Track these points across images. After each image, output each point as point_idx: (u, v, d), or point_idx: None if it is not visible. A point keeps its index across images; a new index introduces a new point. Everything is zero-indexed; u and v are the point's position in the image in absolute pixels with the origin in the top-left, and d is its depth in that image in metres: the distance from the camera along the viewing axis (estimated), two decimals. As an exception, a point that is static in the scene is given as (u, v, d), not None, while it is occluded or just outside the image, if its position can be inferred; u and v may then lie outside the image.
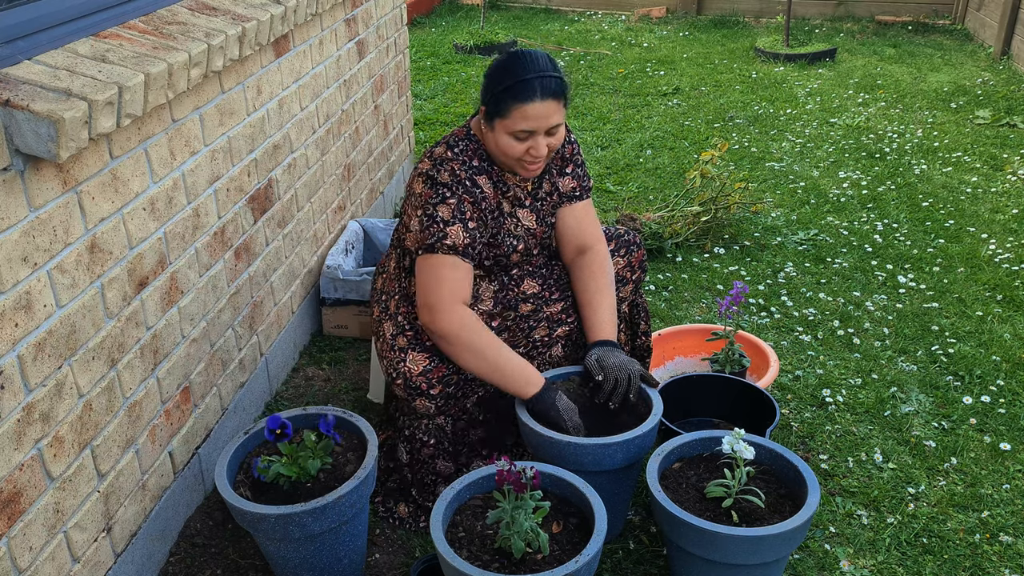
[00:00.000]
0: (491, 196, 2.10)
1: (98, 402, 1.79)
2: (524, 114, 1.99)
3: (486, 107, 2.04)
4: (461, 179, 2.05)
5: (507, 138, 2.02)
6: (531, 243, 2.19)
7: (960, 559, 2.09)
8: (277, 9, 2.39)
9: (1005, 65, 5.92)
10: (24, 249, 1.55)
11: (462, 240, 2.03)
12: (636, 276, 2.30)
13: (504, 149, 2.04)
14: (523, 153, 2.04)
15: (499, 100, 2.00)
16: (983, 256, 3.48)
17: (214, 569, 2.08)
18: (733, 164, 4.47)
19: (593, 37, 7.10)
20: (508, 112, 1.99)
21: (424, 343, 2.09)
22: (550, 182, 2.24)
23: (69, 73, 1.61)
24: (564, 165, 2.26)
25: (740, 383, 2.36)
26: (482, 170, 2.10)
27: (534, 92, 1.98)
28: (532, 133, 2.01)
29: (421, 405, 2.07)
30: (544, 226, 2.22)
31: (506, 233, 2.14)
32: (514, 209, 2.16)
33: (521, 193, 2.18)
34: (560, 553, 1.74)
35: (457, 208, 2.03)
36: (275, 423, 1.93)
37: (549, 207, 2.24)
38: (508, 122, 2.00)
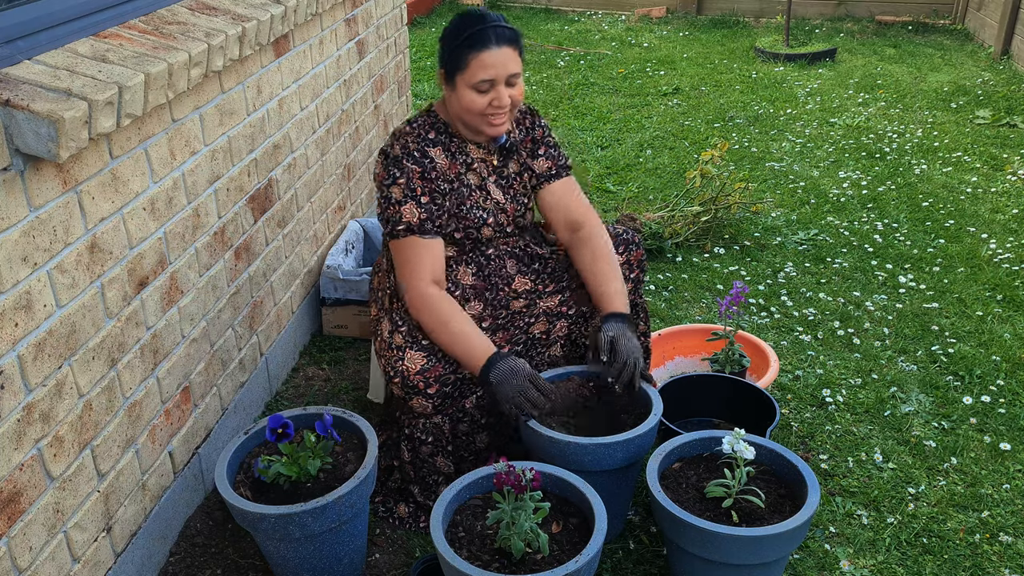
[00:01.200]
0: (445, 166, 2.14)
1: (98, 402, 1.79)
2: (482, 63, 2.03)
3: (445, 68, 2.09)
4: (411, 151, 2.11)
5: (469, 93, 2.06)
6: (501, 219, 2.20)
7: (960, 559, 2.09)
8: (277, 9, 2.39)
9: (1005, 65, 5.92)
10: (24, 249, 1.55)
11: (416, 217, 2.08)
12: (635, 275, 2.29)
13: (468, 106, 2.07)
14: (486, 107, 2.07)
15: (456, 54, 2.04)
16: (983, 256, 3.48)
17: (214, 569, 2.08)
18: (733, 164, 4.47)
19: (593, 37, 7.10)
20: (467, 64, 2.03)
21: (420, 341, 2.10)
22: (518, 162, 2.26)
23: (69, 73, 1.61)
24: (536, 147, 2.27)
25: (740, 383, 2.36)
26: (437, 142, 2.15)
27: (489, 40, 2.04)
28: (493, 83, 2.05)
29: (418, 404, 2.07)
30: (515, 204, 2.23)
31: (473, 205, 2.16)
32: (483, 182, 2.19)
33: (485, 169, 2.20)
34: (560, 553, 1.74)
35: (407, 186, 2.09)
36: (277, 423, 1.93)
37: (520, 187, 2.25)
38: (468, 74, 2.04)
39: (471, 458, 2.22)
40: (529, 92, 5.69)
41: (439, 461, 2.17)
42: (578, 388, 2.18)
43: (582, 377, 2.21)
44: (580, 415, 2.13)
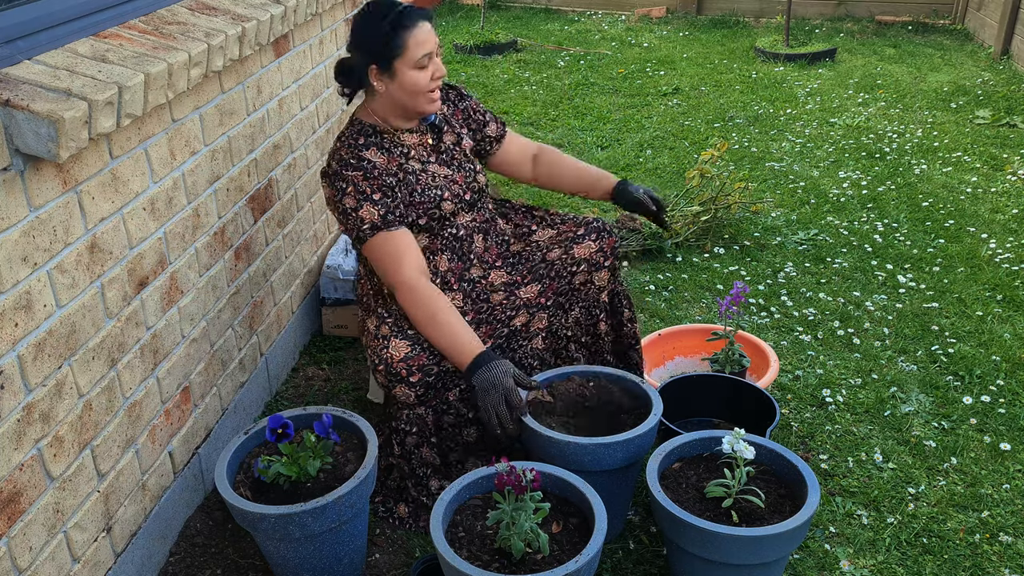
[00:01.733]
0: (384, 163, 2.19)
1: (98, 402, 1.79)
2: (417, 40, 2.10)
3: (377, 60, 2.12)
4: (346, 161, 2.16)
5: (413, 73, 2.12)
6: (455, 189, 2.25)
7: (960, 559, 2.09)
8: (277, 9, 2.39)
9: (1005, 65, 5.92)
10: (24, 249, 1.55)
11: (377, 214, 2.13)
12: (610, 262, 2.31)
13: (413, 86, 2.13)
14: (428, 81, 2.14)
15: (389, 41, 2.10)
16: (983, 256, 3.48)
17: (214, 569, 2.08)
18: (733, 164, 4.47)
19: (593, 37, 7.10)
20: (404, 44, 2.10)
21: (406, 331, 2.13)
22: (453, 133, 2.34)
23: (69, 73, 1.61)
24: (479, 120, 2.42)
25: (740, 383, 2.36)
26: (369, 144, 2.20)
27: (415, 17, 2.12)
28: (430, 55, 2.13)
29: (401, 392, 2.09)
30: (463, 172, 2.29)
31: (425, 187, 2.21)
32: (425, 165, 2.24)
33: (424, 151, 2.26)
34: (560, 553, 1.74)
35: (356, 191, 2.13)
36: (277, 423, 1.93)
37: (460, 155, 2.32)
38: (408, 55, 2.10)
39: (458, 448, 2.22)
40: (529, 92, 5.69)
41: (424, 452, 2.17)
42: (578, 388, 2.18)
43: (582, 377, 2.21)
44: (580, 415, 2.13)
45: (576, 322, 2.32)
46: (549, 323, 2.27)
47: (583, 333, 2.34)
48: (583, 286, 2.29)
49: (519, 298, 2.24)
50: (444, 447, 2.20)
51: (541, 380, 2.17)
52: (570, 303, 2.29)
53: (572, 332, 2.32)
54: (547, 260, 2.28)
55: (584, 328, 2.34)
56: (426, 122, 2.28)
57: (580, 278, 2.27)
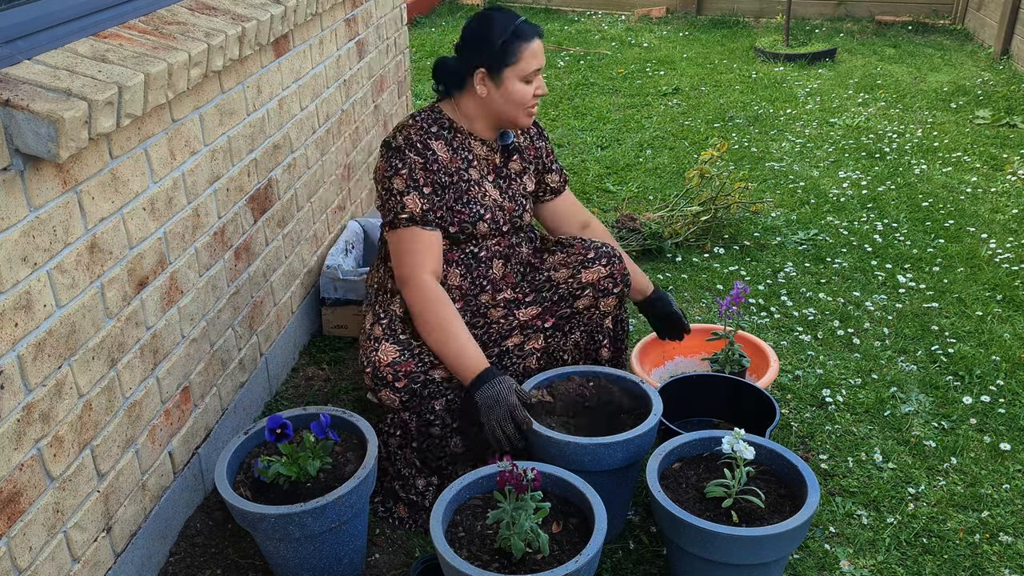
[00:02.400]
0: (446, 159, 2.17)
1: (98, 402, 1.79)
2: (533, 53, 2.13)
3: (489, 64, 2.12)
4: (413, 142, 2.15)
5: (519, 84, 2.13)
6: (499, 216, 2.23)
7: (960, 559, 2.09)
8: (277, 9, 2.39)
9: (1005, 65, 5.92)
10: (24, 249, 1.55)
11: (419, 207, 2.11)
12: (619, 289, 2.27)
13: (519, 98, 2.14)
14: (530, 96, 2.15)
15: (506, 49, 2.11)
16: (983, 256, 3.48)
17: (214, 569, 2.08)
18: (733, 164, 4.47)
19: (593, 37, 7.10)
20: (519, 55, 2.11)
21: (398, 335, 2.12)
22: (520, 164, 2.32)
23: (69, 73, 1.61)
24: (548, 161, 2.41)
25: (740, 383, 2.36)
26: (439, 136, 2.19)
27: (533, 32, 2.15)
28: (538, 72, 2.15)
29: (386, 396, 2.09)
30: (514, 203, 2.27)
31: (472, 200, 2.19)
32: (482, 178, 2.23)
33: (487, 167, 2.24)
34: (560, 553, 1.74)
35: (409, 176, 2.12)
36: (276, 423, 1.93)
37: (519, 187, 2.30)
38: (521, 65, 2.12)
39: (446, 459, 2.21)
40: (529, 92, 5.69)
41: (407, 453, 2.18)
42: (578, 388, 2.18)
43: (582, 377, 2.21)
44: (580, 415, 2.13)
45: (576, 345, 2.30)
46: (546, 344, 2.26)
47: (582, 357, 2.32)
48: (586, 310, 2.25)
49: (516, 318, 2.22)
50: (431, 456, 2.20)
51: (541, 380, 2.17)
52: (571, 326, 2.27)
53: (570, 355, 2.30)
54: (552, 280, 2.25)
55: (584, 352, 2.31)
56: (503, 141, 2.26)
57: (584, 302, 2.24)
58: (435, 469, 2.21)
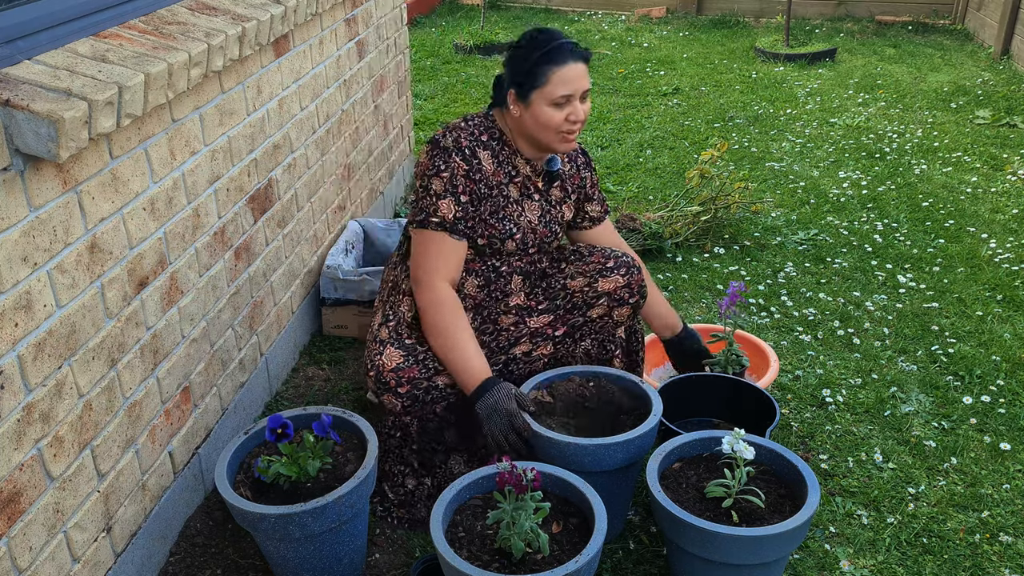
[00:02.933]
0: (490, 171, 2.14)
1: (98, 402, 1.79)
2: (563, 77, 2.04)
3: (519, 85, 2.08)
4: (462, 147, 2.11)
5: (548, 109, 2.06)
6: (529, 237, 2.20)
7: (960, 559, 2.09)
8: (277, 9, 2.39)
9: (1005, 65, 5.92)
10: (24, 249, 1.55)
11: (452, 214, 2.08)
12: (635, 300, 2.26)
13: (546, 122, 2.07)
14: (562, 121, 2.08)
15: (534, 70, 2.05)
16: (983, 256, 3.48)
17: (214, 569, 2.08)
18: (733, 164, 4.47)
19: (593, 37, 7.10)
20: (547, 79, 2.04)
21: (403, 340, 2.12)
22: (562, 190, 2.28)
23: (69, 73, 1.61)
24: (592, 192, 2.38)
25: (740, 383, 2.36)
26: (488, 146, 2.15)
27: (568, 55, 2.05)
28: (570, 98, 2.06)
29: (388, 401, 2.08)
30: (547, 229, 2.24)
31: (506, 217, 2.16)
32: (522, 198, 2.19)
33: (529, 186, 2.21)
34: (560, 553, 1.74)
35: (450, 181, 2.08)
36: (276, 423, 1.93)
37: (557, 216, 2.26)
38: (548, 89, 2.05)
39: (441, 448, 2.21)
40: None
41: (406, 453, 2.18)
42: (578, 388, 2.18)
43: (582, 377, 2.21)
44: (580, 415, 2.13)
45: (586, 353, 2.29)
46: (555, 350, 2.26)
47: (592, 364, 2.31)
48: (599, 319, 2.24)
49: (528, 326, 2.21)
50: (427, 448, 2.20)
51: (541, 380, 2.17)
52: (581, 334, 2.25)
53: (580, 362, 2.28)
54: (568, 289, 2.23)
55: (595, 360, 2.30)
56: (548, 167, 2.22)
57: (598, 311, 2.22)
58: (428, 466, 2.20)
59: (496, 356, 2.20)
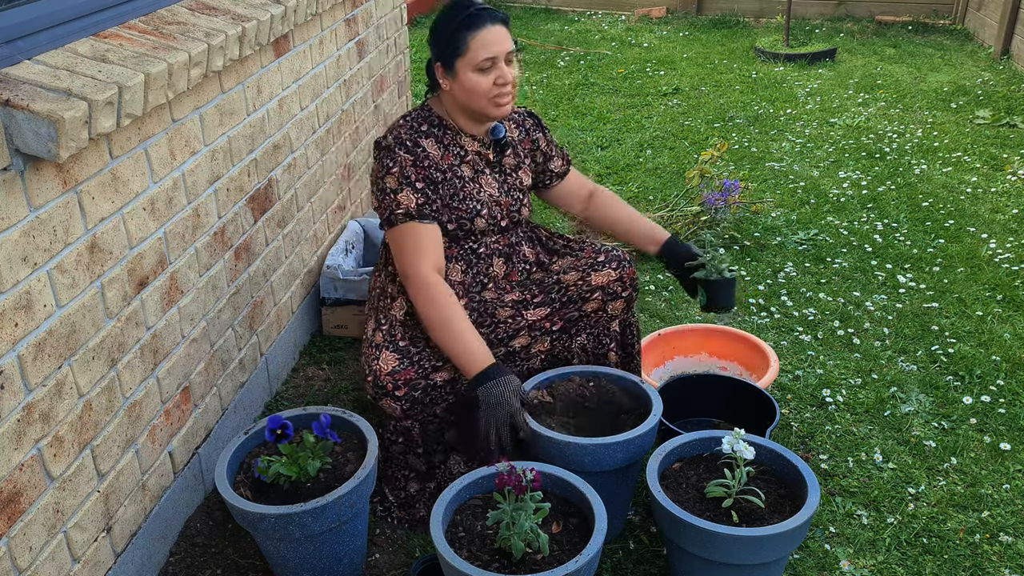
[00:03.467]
0: (437, 156, 2.17)
1: (98, 402, 1.79)
2: (482, 41, 2.08)
3: (443, 59, 2.12)
4: (403, 140, 2.15)
5: (473, 76, 2.09)
6: (496, 211, 2.22)
7: (960, 559, 2.09)
8: (277, 9, 2.39)
9: (1005, 65, 5.92)
10: (24, 249, 1.55)
11: (414, 202, 2.11)
12: (628, 293, 2.26)
13: (473, 88, 2.10)
14: (491, 86, 2.10)
15: (454, 40, 2.09)
16: (983, 256, 3.48)
17: (214, 569, 2.08)
18: (733, 164, 4.47)
19: (593, 37, 7.10)
20: (467, 46, 2.08)
21: (397, 343, 2.12)
22: (515, 156, 2.31)
23: (69, 73, 1.61)
24: (549, 153, 2.41)
25: (740, 383, 2.37)
26: (430, 134, 2.19)
27: (484, 20, 2.10)
28: (494, 61, 2.09)
29: (387, 405, 2.08)
30: (510, 198, 2.26)
31: (467, 196, 2.19)
32: (476, 175, 2.22)
33: (480, 162, 2.23)
34: (560, 553, 1.74)
35: (401, 174, 2.11)
36: (276, 423, 1.93)
37: (515, 181, 2.29)
38: (470, 56, 2.08)
39: (440, 448, 2.21)
40: (529, 92, 5.69)
41: (411, 459, 2.18)
42: (578, 388, 2.18)
43: (582, 377, 2.21)
44: (580, 415, 2.13)
45: (582, 348, 2.29)
46: (552, 346, 2.26)
47: (589, 360, 2.30)
48: (594, 313, 2.24)
49: (525, 319, 2.21)
50: (428, 448, 2.20)
51: (541, 380, 2.17)
52: (577, 329, 2.25)
53: (577, 358, 2.29)
54: (562, 283, 2.23)
55: (591, 355, 2.30)
56: (494, 136, 2.24)
57: (592, 305, 2.23)
58: (432, 470, 2.20)
59: (495, 348, 2.20)
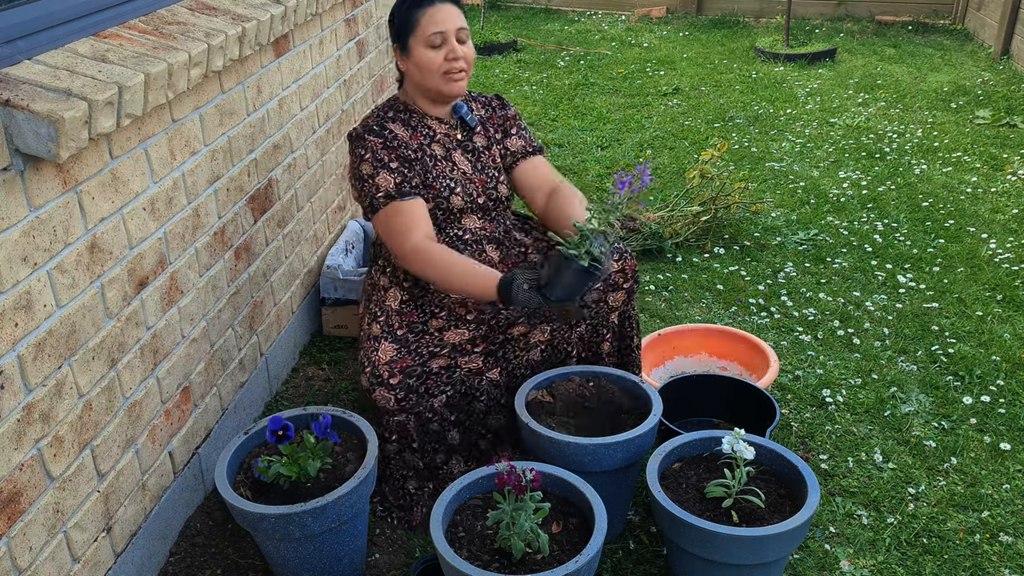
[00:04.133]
0: (405, 136, 2.21)
1: (98, 402, 1.79)
2: (432, 17, 2.12)
3: (399, 39, 2.18)
4: (370, 126, 2.19)
5: (426, 51, 2.13)
6: (470, 188, 2.24)
7: (960, 559, 2.09)
8: (277, 9, 2.39)
9: (1005, 65, 5.92)
10: (24, 249, 1.55)
11: (392, 183, 2.13)
12: (629, 285, 2.27)
13: (426, 64, 2.15)
14: (442, 62, 2.14)
15: (406, 17, 2.15)
16: (983, 256, 3.48)
17: (214, 569, 2.08)
18: (733, 164, 4.47)
19: (593, 37, 7.10)
20: (417, 22, 2.13)
21: (395, 332, 2.14)
22: (485, 136, 2.33)
23: (69, 73, 1.61)
24: (508, 127, 2.38)
25: (740, 383, 2.37)
26: (396, 118, 2.23)
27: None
28: (444, 36, 2.13)
29: (381, 397, 2.09)
30: (484, 176, 2.28)
31: (439, 175, 2.21)
32: (448, 153, 2.25)
33: (449, 142, 2.26)
34: (560, 553, 1.74)
35: (373, 158, 2.14)
36: (278, 424, 1.93)
37: (488, 159, 2.31)
38: (419, 31, 2.13)
39: (442, 450, 2.22)
40: (529, 92, 5.69)
41: (407, 456, 2.17)
42: (578, 388, 2.18)
43: (582, 377, 2.21)
44: (580, 415, 2.13)
45: (580, 338, 2.29)
46: (551, 336, 2.26)
47: (584, 350, 2.31)
48: (595, 304, 2.25)
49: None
50: (428, 449, 2.20)
51: (541, 380, 2.17)
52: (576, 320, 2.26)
53: (574, 348, 2.30)
54: None
55: (587, 345, 2.31)
56: (458, 114, 2.27)
57: (592, 296, 2.23)
58: (431, 468, 2.20)
59: (495, 334, 2.20)
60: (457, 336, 2.18)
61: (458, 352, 2.18)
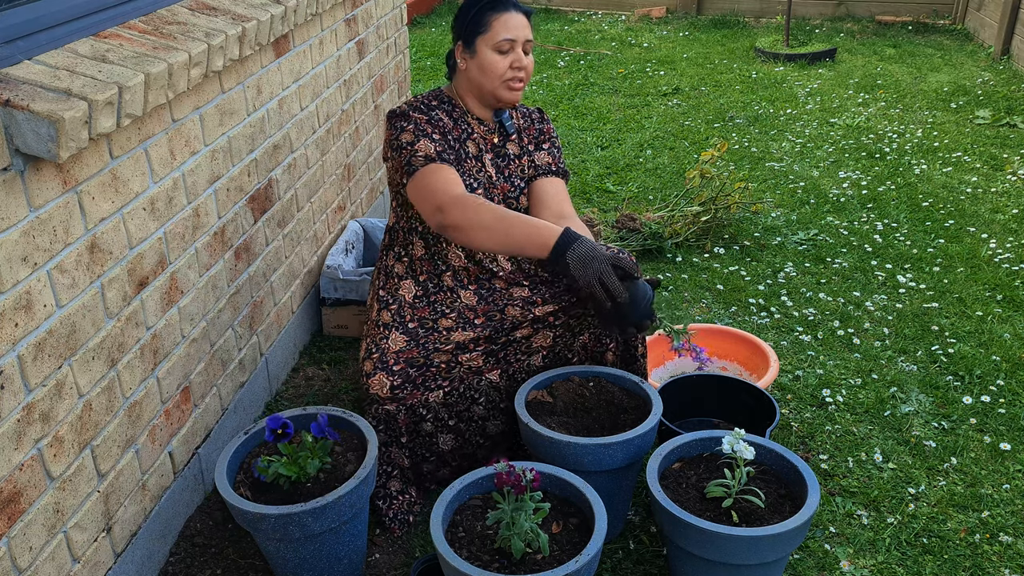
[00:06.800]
0: (449, 125, 2.22)
1: (98, 402, 1.79)
2: (505, 23, 2.15)
3: (464, 36, 2.18)
4: (416, 106, 2.21)
5: (491, 55, 2.16)
6: (492, 193, 2.25)
7: (960, 559, 2.09)
8: (277, 9, 2.39)
9: (1005, 65, 5.92)
10: (24, 249, 1.55)
11: (433, 149, 2.13)
12: None
13: (490, 68, 2.16)
14: (507, 68, 2.17)
15: (477, 18, 2.16)
16: (983, 256, 3.48)
17: (214, 569, 2.08)
18: (733, 164, 4.47)
19: (593, 37, 7.10)
20: (489, 25, 2.15)
21: (407, 324, 2.15)
22: (518, 145, 2.33)
23: (69, 73, 1.61)
24: (542, 140, 2.38)
25: (740, 383, 2.37)
26: (441, 108, 2.24)
27: (509, 5, 2.18)
28: (513, 43, 2.15)
29: (377, 381, 2.09)
30: (508, 184, 2.29)
31: (467, 172, 2.22)
32: (480, 154, 2.26)
33: (484, 144, 2.27)
34: (560, 553, 1.74)
35: (416, 128, 2.16)
36: (276, 423, 1.93)
37: (516, 169, 2.31)
38: (490, 35, 2.15)
39: (432, 459, 2.21)
40: (529, 92, 5.69)
41: (392, 451, 2.16)
42: (578, 388, 2.18)
43: (582, 377, 2.21)
44: (580, 415, 2.13)
45: (583, 347, 2.28)
46: (554, 343, 2.26)
47: (587, 358, 2.30)
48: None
49: (533, 313, 2.20)
50: (418, 455, 2.19)
51: (541, 380, 2.17)
52: (581, 327, 2.25)
53: (577, 356, 2.29)
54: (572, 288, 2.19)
55: (590, 354, 2.29)
56: (499, 118, 2.29)
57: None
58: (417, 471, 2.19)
59: (499, 336, 2.20)
60: (463, 337, 2.18)
61: (460, 348, 2.18)
